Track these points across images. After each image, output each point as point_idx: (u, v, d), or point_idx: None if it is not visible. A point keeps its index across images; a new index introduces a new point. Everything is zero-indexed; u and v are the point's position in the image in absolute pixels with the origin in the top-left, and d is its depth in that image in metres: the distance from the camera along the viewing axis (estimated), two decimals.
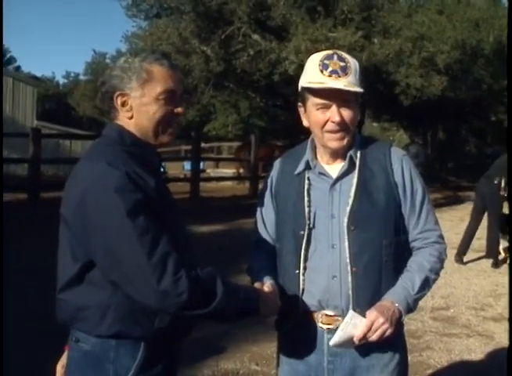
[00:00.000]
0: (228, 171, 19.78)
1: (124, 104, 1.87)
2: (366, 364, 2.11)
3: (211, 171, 20.10)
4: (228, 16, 13.03)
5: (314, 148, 2.18)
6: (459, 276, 7.48)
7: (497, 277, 7.52)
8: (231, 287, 1.79)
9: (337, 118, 2.01)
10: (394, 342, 2.09)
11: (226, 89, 19.62)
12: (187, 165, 17.73)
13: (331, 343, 1.99)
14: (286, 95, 18.04)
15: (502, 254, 8.39)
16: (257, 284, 2.05)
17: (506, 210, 8.55)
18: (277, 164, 2.30)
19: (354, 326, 1.94)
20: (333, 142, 2.07)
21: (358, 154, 2.13)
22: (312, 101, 2.06)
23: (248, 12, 12.46)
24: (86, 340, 1.80)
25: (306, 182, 2.13)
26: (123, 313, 1.76)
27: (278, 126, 29.93)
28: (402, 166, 2.14)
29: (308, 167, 2.15)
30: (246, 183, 16.00)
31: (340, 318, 2.04)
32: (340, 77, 1.99)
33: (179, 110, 1.90)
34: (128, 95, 1.86)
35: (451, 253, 7.92)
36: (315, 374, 2.13)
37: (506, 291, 6.59)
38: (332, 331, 2.04)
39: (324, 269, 2.07)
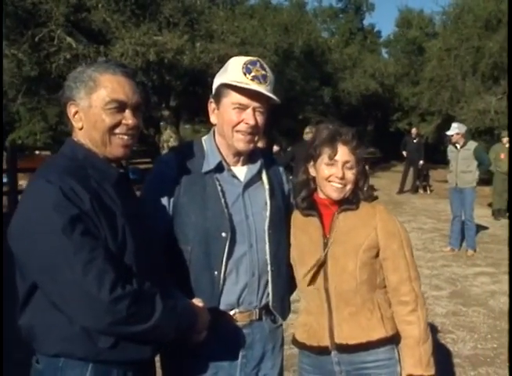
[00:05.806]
0: None
1: (75, 114, 1.82)
2: (271, 347, 2.26)
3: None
4: (43, 17, 12.20)
5: (218, 149, 2.19)
6: None
7: None
8: (169, 302, 1.78)
9: (251, 121, 2.09)
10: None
11: (37, 95, 18.35)
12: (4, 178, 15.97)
13: None
14: None
15: None
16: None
17: None
18: (171, 160, 2.21)
19: None
20: (242, 143, 2.13)
21: (263, 162, 2.26)
22: (231, 99, 2.10)
23: (66, 13, 11.79)
24: (40, 360, 1.77)
25: (216, 183, 2.14)
26: (65, 333, 1.70)
27: None
28: (286, 175, 2.38)
29: (218, 167, 2.16)
30: None
31: (252, 311, 2.16)
32: (261, 83, 2.08)
33: (129, 121, 1.81)
34: (77, 105, 1.80)
35: None
36: (227, 371, 2.16)
37: None
38: (246, 327, 2.15)
39: (244, 268, 2.14)
